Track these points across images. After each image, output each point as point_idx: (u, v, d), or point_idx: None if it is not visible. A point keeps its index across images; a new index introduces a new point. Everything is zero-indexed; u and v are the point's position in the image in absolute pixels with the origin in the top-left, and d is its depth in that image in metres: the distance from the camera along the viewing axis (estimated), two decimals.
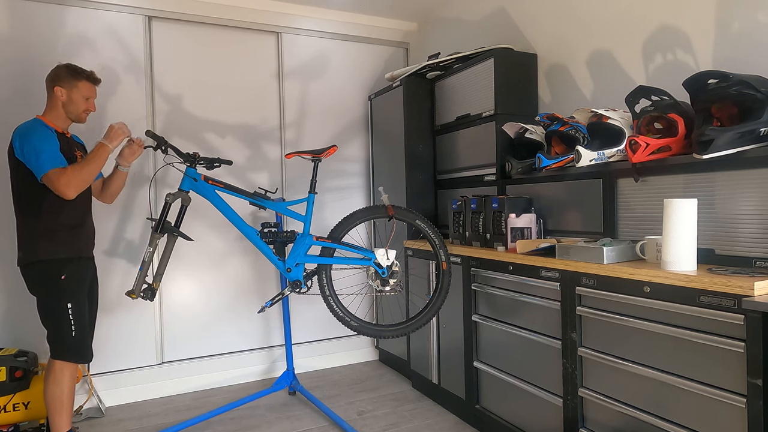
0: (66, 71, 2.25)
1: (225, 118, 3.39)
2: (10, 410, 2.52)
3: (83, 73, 2.28)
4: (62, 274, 2.16)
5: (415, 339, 3.11)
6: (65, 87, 2.23)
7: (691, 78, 1.71)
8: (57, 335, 2.18)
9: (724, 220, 1.73)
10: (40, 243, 2.15)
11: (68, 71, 2.26)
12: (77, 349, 2.20)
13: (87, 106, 2.30)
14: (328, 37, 3.69)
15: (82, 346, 2.22)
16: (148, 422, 2.82)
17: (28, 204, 2.17)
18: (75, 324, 2.17)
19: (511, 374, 2.32)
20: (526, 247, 2.21)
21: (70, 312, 2.16)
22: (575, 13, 2.59)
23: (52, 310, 2.16)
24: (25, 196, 2.17)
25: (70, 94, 2.24)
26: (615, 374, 1.81)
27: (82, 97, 2.27)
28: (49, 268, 2.16)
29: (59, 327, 2.16)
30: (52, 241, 2.17)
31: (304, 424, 2.75)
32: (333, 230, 2.43)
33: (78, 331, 2.18)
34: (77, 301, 2.20)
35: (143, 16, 3.13)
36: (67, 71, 2.25)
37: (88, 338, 2.27)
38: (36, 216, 2.16)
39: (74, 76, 2.26)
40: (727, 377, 1.47)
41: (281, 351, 3.49)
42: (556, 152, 2.36)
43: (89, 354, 2.27)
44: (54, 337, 2.18)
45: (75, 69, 2.28)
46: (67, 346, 2.18)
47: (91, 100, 2.32)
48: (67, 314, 2.16)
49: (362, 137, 3.81)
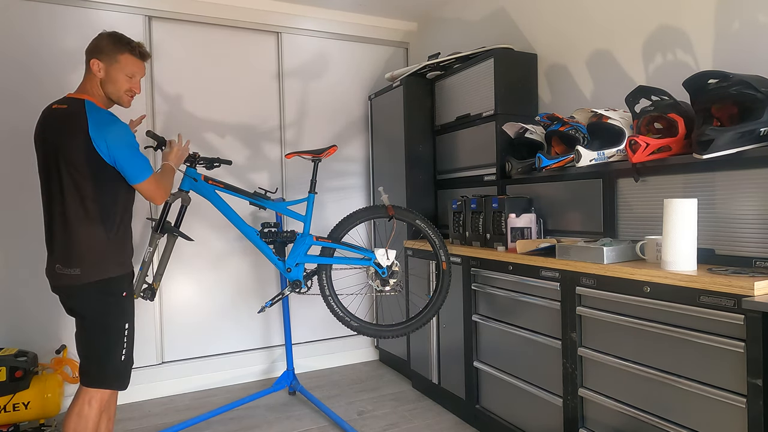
0: (107, 41, 1.86)
1: (225, 118, 3.39)
2: (10, 410, 2.52)
3: (127, 45, 1.88)
4: (123, 291, 1.88)
5: (415, 339, 3.11)
6: (104, 61, 1.84)
7: (691, 78, 1.71)
8: (104, 359, 1.85)
9: (724, 220, 1.73)
10: (111, 257, 1.83)
11: (109, 41, 1.86)
12: (122, 375, 1.89)
13: (130, 85, 1.90)
14: (328, 37, 3.69)
15: (126, 371, 1.91)
16: (148, 422, 2.82)
17: (99, 212, 1.79)
18: (127, 347, 1.89)
19: (511, 374, 2.32)
20: (526, 247, 2.21)
21: (126, 333, 1.88)
22: (575, 13, 2.59)
23: (108, 330, 1.85)
24: (99, 202, 1.79)
25: (109, 70, 1.85)
26: (615, 374, 1.81)
27: (124, 75, 1.87)
28: (114, 285, 1.85)
29: (110, 350, 1.85)
30: (120, 255, 1.87)
31: (304, 424, 2.75)
32: (333, 230, 2.43)
33: (127, 354, 1.90)
34: (132, 321, 1.92)
35: (143, 16, 3.13)
36: (109, 41, 1.86)
37: (132, 362, 1.95)
38: (110, 226, 1.82)
39: (116, 48, 1.86)
40: (727, 377, 1.47)
41: (281, 351, 3.49)
42: (556, 152, 2.36)
43: (128, 380, 1.94)
44: (100, 361, 1.85)
45: (119, 38, 1.88)
46: (114, 372, 1.87)
47: (136, 79, 1.92)
48: (122, 336, 1.87)
49: (362, 137, 3.81)
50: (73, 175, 1.76)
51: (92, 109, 1.80)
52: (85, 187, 1.77)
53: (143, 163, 1.84)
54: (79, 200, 1.77)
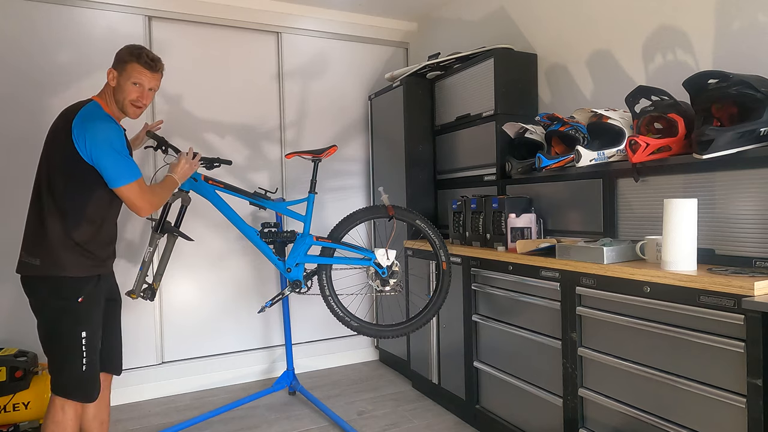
0: (123, 51, 1.90)
1: (225, 118, 3.39)
2: (10, 410, 2.51)
3: (136, 54, 1.89)
4: (79, 296, 1.77)
5: (415, 339, 3.11)
6: (117, 70, 1.88)
7: (691, 78, 1.71)
8: (62, 368, 1.77)
9: (724, 220, 1.73)
10: (69, 255, 1.76)
11: (124, 51, 1.90)
12: (84, 387, 1.79)
13: (138, 95, 1.89)
14: (328, 37, 3.68)
15: (90, 382, 1.80)
16: (148, 422, 2.82)
17: (68, 207, 1.76)
18: (87, 356, 1.77)
19: (511, 374, 2.32)
20: (526, 247, 2.21)
21: (84, 342, 1.76)
22: (575, 13, 2.59)
23: (60, 337, 1.76)
24: (67, 197, 1.76)
25: (119, 79, 1.87)
26: (615, 374, 1.81)
27: (130, 83, 1.87)
28: (67, 286, 1.76)
29: (66, 359, 1.76)
30: (82, 255, 1.78)
31: (304, 424, 2.75)
32: (333, 230, 2.43)
33: (89, 364, 1.78)
34: (92, 329, 1.80)
35: (143, 16, 3.13)
36: (124, 51, 1.90)
37: (98, 373, 1.84)
38: (74, 222, 1.77)
39: (126, 57, 1.88)
40: (727, 377, 1.47)
41: (281, 351, 3.49)
42: (556, 152, 2.36)
43: (97, 391, 1.84)
44: (58, 369, 1.77)
45: (130, 49, 1.90)
46: (74, 382, 1.77)
47: (143, 89, 1.90)
48: (79, 344, 1.76)
49: (362, 137, 3.81)
50: (50, 167, 1.78)
51: (89, 107, 1.81)
52: (57, 181, 1.76)
53: (126, 167, 1.78)
54: (49, 193, 1.77)
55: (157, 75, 1.95)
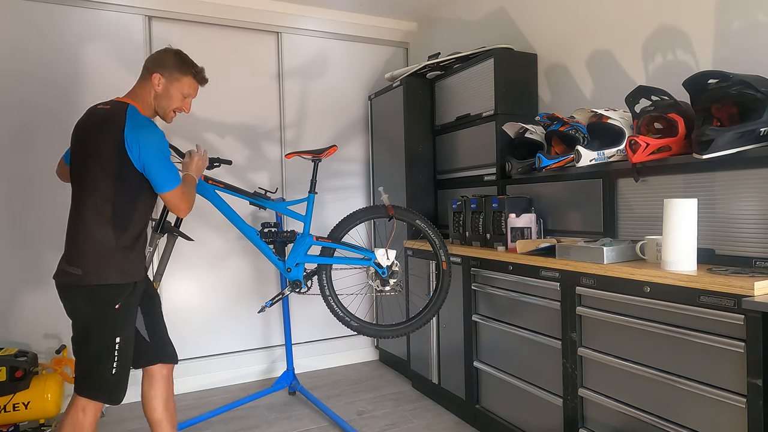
0: (174, 59, 1.91)
1: (225, 118, 3.39)
2: (10, 410, 2.52)
3: (192, 68, 1.95)
4: (117, 303, 1.78)
5: (415, 339, 3.11)
6: (165, 76, 1.89)
7: (691, 78, 1.71)
8: (91, 370, 1.78)
9: (724, 220, 1.73)
10: (113, 263, 1.75)
11: (176, 60, 1.92)
12: (111, 390, 1.81)
13: (181, 105, 1.96)
14: (328, 37, 3.68)
15: (118, 386, 1.82)
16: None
17: (118, 214, 1.76)
18: (118, 361, 1.79)
19: (511, 374, 2.32)
20: (526, 247, 2.21)
21: (117, 347, 1.78)
22: (575, 13, 2.59)
23: (95, 342, 1.77)
24: (116, 205, 1.76)
25: (168, 87, 1.90)
26: (615, 374, 1.81)
27: (180, 94, 1.93)
28: (106, 294, 1.76)
29: (99, 362, 1.78)
30: (126, 262, 1.79)
31: (304, 424, 2.75)
32: (333, 230, 2.43)
33: (119, 369, 1.80)
34: (127, 335, 1.82)
35: (143, 16, 3.13)
36: (175, 60, 1.92)
37: (126, 377, 1.85)
38: (122, 230, 1.77)
39: (180, 69, 1.92)
40: (727, 377, 1.47)
41: (281, 351, 3.49)
42: (556, 152, 2.36)
43: (123, 394, 1.85)
44: (87, 371, 1.78)
45: (185, 60, 1.94)
46: (101, 384, 1.78)
47: (188, 101, 1.99)
48: (113, 349, 1.77)
49: (362, 137, 3.81)
50: (98, 173, 1.74)
51: (133, 113, 1.81)
52: (106, 188, 1.75)
53: (173, 173, 1.81)
54: (96, 200, 1.75)
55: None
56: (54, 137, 2.86)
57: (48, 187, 2.87)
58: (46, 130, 2.89)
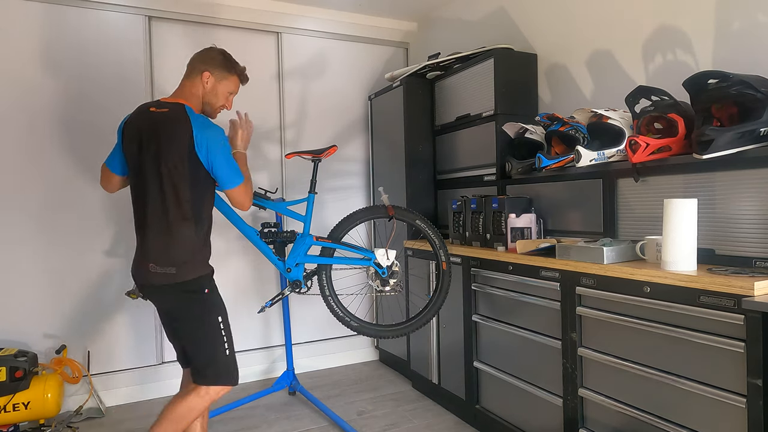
0: (222, 58, 2.01)
1: (225, 118, 3.37)
2: (10, 410, 2.52)
3: (237, 68, 2.05)
4: (206, 288, 1.90)
5: (415, 339, 3.11)
6: (215, 75, 1.97)
7: (691, 78, 1.71)
8: (212, 357, 1.88)
9: (724, 220, 1.73)
10: (199, 257, 1.89)
11: (224, 59, 2.01)
12: (232, 370, 1.93)
13: (226, 102, 2.05)
14: (328, 37, 3.68)
15: (234, 364, 1.95)
16: (148, 422, 2.80)
17: (195, 212, 1.85)
18: (227, 340, 1.92)
19: (511, 374, 2.32)
20: (526, 247, 2.21)
21: (222, 328, 1.91)
22: (575, 13, 2.59)
23: (205, 327, 1.88)
24: (193, 203, 1.84)
25: (217, 85, 1.98)
26: (615, 374, 1.81)
27: (227, 92, 2.03)
28: (200, 283, 1.88)
29: (215, 348, 1.89)
30: (207, 254, 1.94)
31: (304, 424, 2.75)
32: (333, 230, 2.43)
33: (230, 348, 1.93)
34: (224, 313, 1.94)
35: (143, 16, 3.13)
36: (223, 59, 2.01)
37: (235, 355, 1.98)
38: (200, 225, 1.88)
39: (227, 68, 2.01)
40: (727, 377, 1.47)
41: (281, 351, 3.49)
42: (556, 152, 2.36)
43: (238, 373, 1.98)
44: (209, 359, 1.88)
45: (230, 60, 2.04)
46: (223, 367, 1.91)
47: (231, 98, 2.08)
48: (219, 330, 1.90)
49: (362, 137, 3.81)
50: (173, 177, 1.80)
51: (193, 114, 1.86)
52: (183, 189, 1.82)
53: (236, 169, 1.90)
54: (177, 202, 1.82)
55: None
56: (54, 137, 2.86)
57: (48, 187, 2.88)
58: (41, 132, 2.89)
